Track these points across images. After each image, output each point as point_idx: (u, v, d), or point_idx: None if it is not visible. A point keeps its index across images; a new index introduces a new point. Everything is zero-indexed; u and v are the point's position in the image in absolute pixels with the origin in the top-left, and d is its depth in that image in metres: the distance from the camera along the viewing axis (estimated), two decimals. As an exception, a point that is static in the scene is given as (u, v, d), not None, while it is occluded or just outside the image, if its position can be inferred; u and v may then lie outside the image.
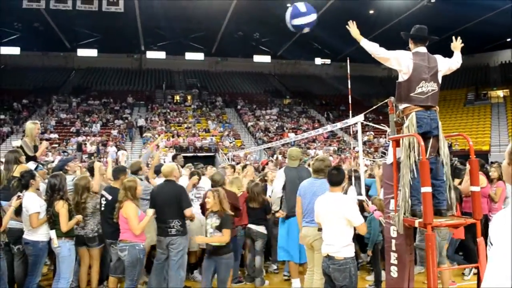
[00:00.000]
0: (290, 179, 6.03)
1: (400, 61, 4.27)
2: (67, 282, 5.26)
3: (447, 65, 4.50)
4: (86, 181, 5.89)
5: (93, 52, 40.15)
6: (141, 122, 29.85)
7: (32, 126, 6.74)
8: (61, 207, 5.18)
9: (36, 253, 5.24)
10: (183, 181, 6.91)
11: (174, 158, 9.96)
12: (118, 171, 6.03)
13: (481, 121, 34.86)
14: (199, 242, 5.75)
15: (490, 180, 6.88)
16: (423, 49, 4.35)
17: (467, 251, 6.62)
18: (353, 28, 4.60)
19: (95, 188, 6.06)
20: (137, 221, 5.12)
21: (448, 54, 4.62)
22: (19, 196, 5.12)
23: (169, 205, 5.56)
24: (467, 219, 4.16)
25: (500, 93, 38.22)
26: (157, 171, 6.95)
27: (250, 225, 6.62)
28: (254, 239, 6.67)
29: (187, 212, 5.53)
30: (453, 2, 28.03)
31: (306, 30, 5.39)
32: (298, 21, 5.35)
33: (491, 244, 1.65)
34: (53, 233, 5.17)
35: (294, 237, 5.83)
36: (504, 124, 33.30)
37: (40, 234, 5.23)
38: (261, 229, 6.50)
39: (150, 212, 5.35)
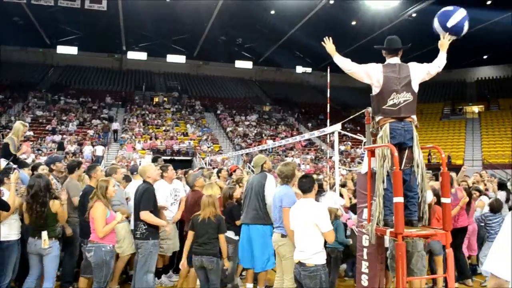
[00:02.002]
0: (247, 187, 6.09)
1: (370, 76, 4.30)
2: (53, 282, 5.22)
3: (425, 70, 4.45)
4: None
5: (73, 50, 39.61)
6: (115, 126, 29.27)
7: (21, 127, 6.76)
8: (58, 207, 5.20)
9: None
10: (165, 185, 6.83)
11: (154, 160, 9.86)
12: (88, 169, 5.98)
13: (456, 136, 35.63)
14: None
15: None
16: (394, 60, 4.38)
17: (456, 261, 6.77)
18: (328, 44, 4.62)
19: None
20: (103, 223, 5.00)
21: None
22: None
23: (136, 207, 5.55)
24: (437, 230, 4.23)
25: (475, 108, 39.23)
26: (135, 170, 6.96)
27: None
28: None
29: (141, 215, 5.40)
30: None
31: (466, 25, 5.01)
32: (453, 21, 5.02)
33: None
34: (44, 234, 5.09)
35: (243, 244, 5.86)
36: (478, 140, 34.10)
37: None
38: (230, 234, 6.44)
39: (119, 216, 5.27)
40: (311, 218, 4.33)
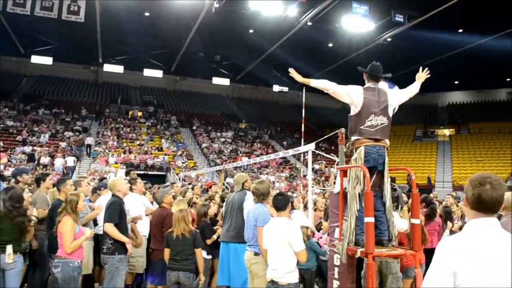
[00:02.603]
0: (227, 204, 6.06)
1: (351, 96, 4.40)
2: None
3: (399, 96, 4.65)
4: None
5: (48, 60, 38.91)
6: (90, 140, 28.62)
7: None
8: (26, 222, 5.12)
9: None
10: (136, 197, 6.75)
11: (127, 174, 9.74)
12: (58, 182, 5.88)
13: (428, 157, 36.42)
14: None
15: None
16: (374, 84, 4.50)
17: None
18: (295, 74, 4.72)
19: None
20: (71, 238, 4.88)
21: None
22: None
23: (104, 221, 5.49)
24: (406, 250, 4.30)
25: (447, 132, 40.30)
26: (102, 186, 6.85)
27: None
28: None
29: (105, 227, 5.35)
30: (407, 43, 29.45)
31: None
32: None
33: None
34: (9, 248, 4.89)
35: (223, 262, 5.81)
36: (449, 162, 34.94)
37: None
38: (202, 253, 6.39)
39: (88, 231, 5.18)
40: (284, 237, 4.35)
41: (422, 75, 4.99)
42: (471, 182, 2.12)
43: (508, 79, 40.36)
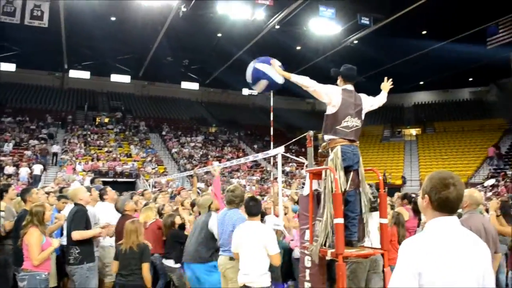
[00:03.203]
0: (193, 227, 5.93)
1: (330, 95, 4.44)
2: None
3: (370, 103, 4.78)
4: None
5: (11, 67, 37.76)
6: (55, 149, 27.79)
7: None
8: None
9: None
10: (103, 206, 6.63)
11: (92, 181, 9.56)
12: (23, 192, 5.73)
13: (395, 157, 37.18)
14: None
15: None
16: (351, 87, 4.58)
17: None
18: (276, 67, 4.73)
19: None
20: (38, 250, 4.76)
21: (367, 92, 4.89)
22: None
23: (68, 231, 5.37)
24: (375, 250, 4.36)
25: (413, 131, 41.23)
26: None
27: (163, 260, 6.45)
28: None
29: (73, 235, 5.23)
30: (373, 46, 30.01)
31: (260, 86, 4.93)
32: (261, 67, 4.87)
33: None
34: None
35: (192, 280, 5.64)
36: (416, 161, 35.77)
37: None
38: (169, 262, 6.31)
39: (56, 242, 5.05)
40: (259, 240, 4.35)
41: (386, 85, 5.14)
42: (434, 185, 2.16)
43: (470, 79, 41.67)
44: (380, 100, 4.96)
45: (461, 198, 2.15)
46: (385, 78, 5.13)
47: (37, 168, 23.51)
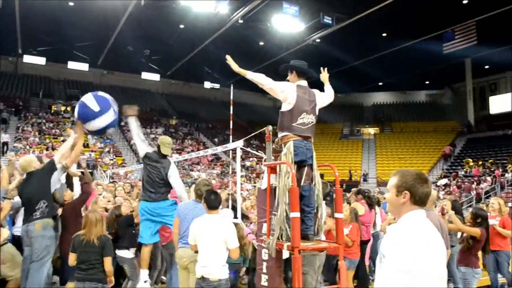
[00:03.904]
0: None
1: (285, 92, 4.43)
2: None
3: (322, 99, 4.78)
4: None
5: (-41, 49, 36.03)
6: (5, 138, 26.45)
7: None
8: None
9: None
10: None
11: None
12: None
13: (354, 154, 38.01)
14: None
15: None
16: (304, 83, 4.58)
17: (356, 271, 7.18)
18: (232, 63, 4.63)
19: None
20: None
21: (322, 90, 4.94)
22: None
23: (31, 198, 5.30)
24: (330, 243, 4.45)
25: (371, 130, 42.29)
26: None
27: (116, 250, 6.33)
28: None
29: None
30: (335, 45, 30.47)
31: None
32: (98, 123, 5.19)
33: (384, 256, 2.02)
34: None
35: None
36: (373, 159, 36.72)
37: None
38: (123, 253, 6.20)
39: (5, 232, 4.87)
40: (219, 234, 4.34)
41: (324, 76, 5.10)
42: (414, 181, 2.24)
43: (427, 82, 43.09)
44: (328, 95, 4.94)
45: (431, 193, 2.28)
46: (321, 68, 5.07)
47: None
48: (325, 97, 4.89)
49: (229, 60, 4.64)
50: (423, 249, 2.06)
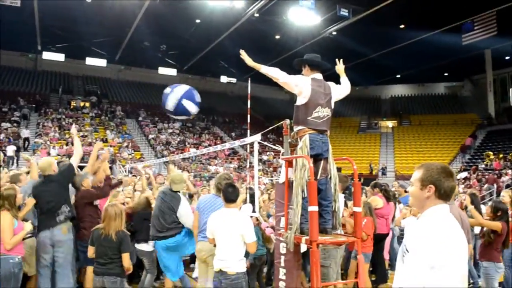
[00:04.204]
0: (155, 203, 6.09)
1: (300, 86, 4.41)
2: None
3: (338, 92, 4.74)
4: None
5: (-19, 47, 36.65)
6: (27, 133, 26.97)
7: None
8: None
9: None
10: None
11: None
12: None
13: (372, 148, 37.71)
14: None
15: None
16: (319, 76, 4.55)
17: (374, 265, 7.19)
18: (246, 57, 4.61)
19: None
20: (10, 234, 4.68)
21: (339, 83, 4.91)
22: None
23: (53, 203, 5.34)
24: (349, 237, 4.44)
25: (389, 123, 41.85)
26: None
27: (135, 244, 6.44)
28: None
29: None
30: (352, 38, 30.18)
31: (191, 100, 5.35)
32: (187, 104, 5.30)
33: (407, 251, 2.01)
34: None
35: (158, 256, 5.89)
36: (391, 152, 36.39)
37: None
38: (141, 246, 6.29)
39: (28, 226, 4.96)
40: (237, 228, 4.36)
41: (340, 68, 5.05)
42: (439, 174, 2.21)
43: (446, 74, 42.43)
44: (344, 87, 4.89)
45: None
46: (336, 60, 5.03)
47: (10, 149, 22.98)
48: (342, 89, 4.84)
49: (243, 54, 4.64)
50: (446, 244, 2.05)
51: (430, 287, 2.02)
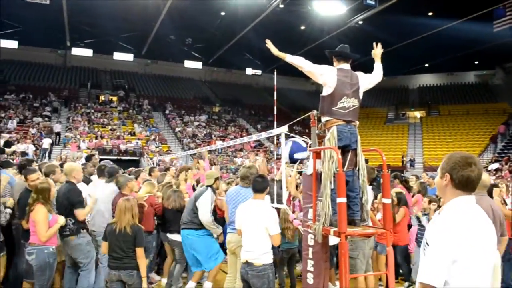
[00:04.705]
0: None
1: (325, 76, 4.38)
2: None
3: (368, 80, 4.65)
4: None
5: (13, 44, 37.49)
6: (58, 128, 27.62)
7: None
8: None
9: None
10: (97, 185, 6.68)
11: (88, 159, 9.46)
12: (26, 171, 5.70)
13: (399, 139, 37.14)
14: None
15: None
16: (346, 66, 4.49)
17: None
18: (271, 47, 4.63)
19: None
20: (46, 227, 4.86)
21: (370, 72, 4.83)
22: None
23: (61, 206, 5.39)
24: (378, 229, 4.39)
25: (417, 114, 41.10)
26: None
27: (167, 234, 6.53)
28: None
29: (78, 215, 5.30)
30: (378, 27, 29.66)
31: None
32: (299, 155, 5.80)
33: (428, 245, 1.99)
34: None
35: (186, 248, 5.98)
36: (420, 143, 35.75)
37: None
38: (175, 237, 6.38)
39: (61, 219, 5.10)
40: (261, 220, 4.38)
41: (377, 52, 4.93)
42: (456, 163, 2.17)
43: (476, 62, 41.29)
44: (376, 74, 4.76)
45: (481, 178, 2.19)
46: (374, 44, 4.93)
47: (46, 142, 23.60)
48: (372, 77, 4.73)
49: (269, 44, 4.65)
50: (467, 236, 2.01)
51: (453, 281, 2.00)
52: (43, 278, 4.88)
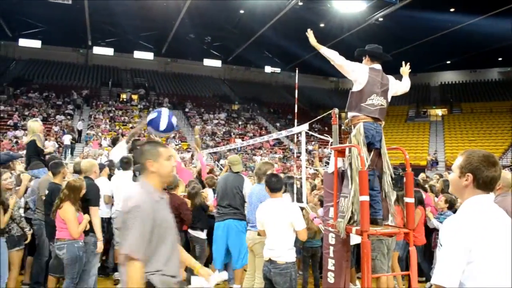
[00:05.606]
0: (220, 185, 6.19)
1: (356, 72, 4.42)
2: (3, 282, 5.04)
3: (396, 87, 4.71)
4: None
5: (36, 43, 38.31)
6: (80, 125, 28.16)
7: (37, 124, 7.09)
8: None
9: None
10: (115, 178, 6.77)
11: (114, 142, 9.40)
12: (56, 165, 5.79)
13: (420, 137, 36.62)
14: None
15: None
16: (378, 67, 4.53)
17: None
18: (311, 36, 4.72)
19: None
20: (76, 225, 4.99)
21: (389, 71, 4.80)
22: None
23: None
24: (400, 228, 4.35)
25: (439, 111, 40.44)
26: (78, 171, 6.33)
27: (189, 230, 6.58)
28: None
29: (92, 212, 5.35)
30: (399, 23, 29.31)
31: (174, 119, 5.18)
32: (163, 124, 5.00)
33: (441, 245, 1.97)
34: None
35: (217, 242, 5.95)
36: (441, 141, 35.17)
37: None
38: (197, 233, 6.42)
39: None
40: (285, 217, 4.39)
41: (405, 70, 5.08)
42: (480, 163, 2.12)
43: (500, 59, 40.45)
44: (404, 86, 4.92)
45: (501, 177, 2.15)
46: (403, 63, 5.04)
47: (67, 138, 24.01)
48: (400, 85, 4.85)
49: (309, 33, 4.75)
50: (484, 236, 1.96)
51: (469, 282, 1.97)
52: (73, 272, 5.02)
